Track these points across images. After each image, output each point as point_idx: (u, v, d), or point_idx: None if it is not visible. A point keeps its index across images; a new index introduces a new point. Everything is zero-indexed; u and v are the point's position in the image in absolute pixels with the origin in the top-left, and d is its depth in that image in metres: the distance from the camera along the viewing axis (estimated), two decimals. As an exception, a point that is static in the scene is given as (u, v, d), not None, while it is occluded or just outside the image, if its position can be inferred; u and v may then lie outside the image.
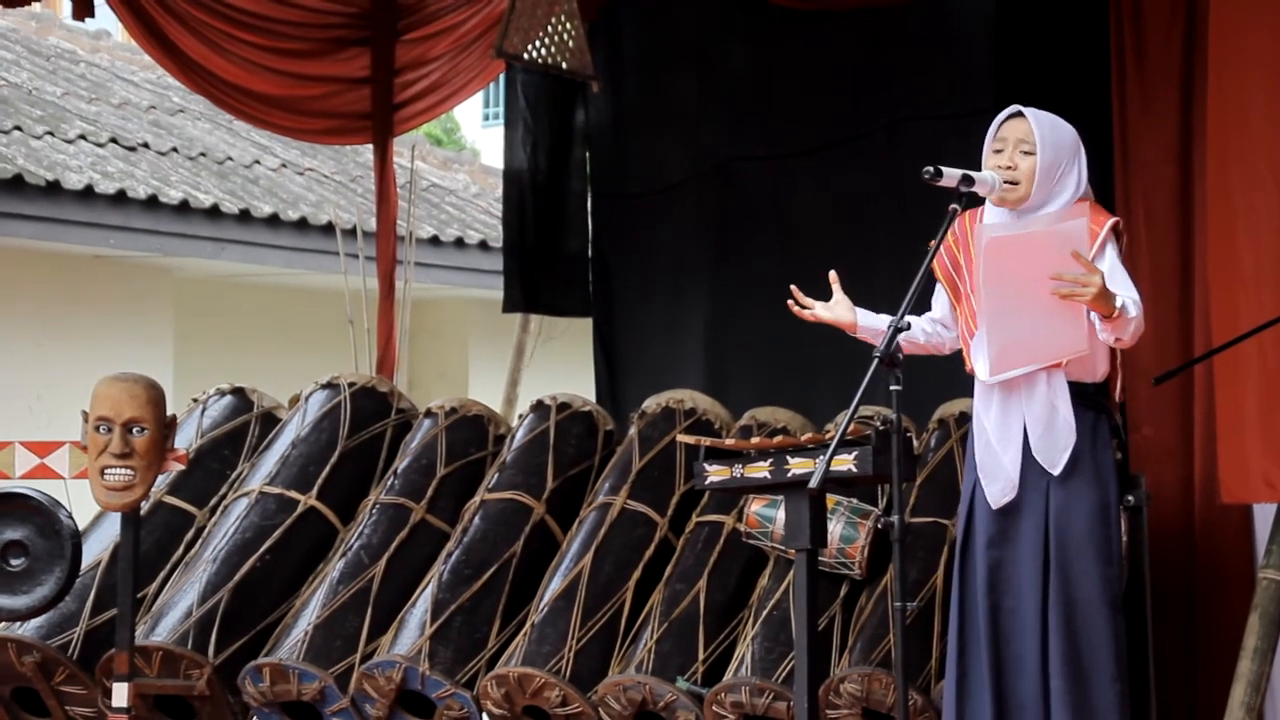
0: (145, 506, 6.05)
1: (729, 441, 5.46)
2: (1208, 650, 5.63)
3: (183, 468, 5.99)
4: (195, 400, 6.85)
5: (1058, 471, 4.76)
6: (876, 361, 4.58)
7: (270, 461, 6.45)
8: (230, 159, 11.54)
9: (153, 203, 10.00)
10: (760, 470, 5.08)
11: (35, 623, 5.96)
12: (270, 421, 6.72)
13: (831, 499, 5.56)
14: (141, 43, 7.68)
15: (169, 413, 5.76)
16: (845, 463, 4.90)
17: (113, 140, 10.83)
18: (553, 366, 9.79)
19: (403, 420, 6.67)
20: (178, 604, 6.01)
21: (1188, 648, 5.65)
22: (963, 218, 4.90)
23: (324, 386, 6.70)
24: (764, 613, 5.64)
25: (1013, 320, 4.73)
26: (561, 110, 8.10)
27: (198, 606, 5.97)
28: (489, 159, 15.18)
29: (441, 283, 11.45)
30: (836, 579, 5.68)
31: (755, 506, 5.75)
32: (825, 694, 5.36)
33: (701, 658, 5.66)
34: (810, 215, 7.44)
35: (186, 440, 6.50)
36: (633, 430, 6.37)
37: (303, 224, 10.79)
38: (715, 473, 5.21)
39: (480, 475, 6.42)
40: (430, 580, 6.01)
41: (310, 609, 5.98)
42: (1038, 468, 4.79)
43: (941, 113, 6.89)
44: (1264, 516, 5.40)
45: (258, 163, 11.77)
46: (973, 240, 4.90)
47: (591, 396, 7.47)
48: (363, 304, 8.56)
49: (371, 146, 8.19)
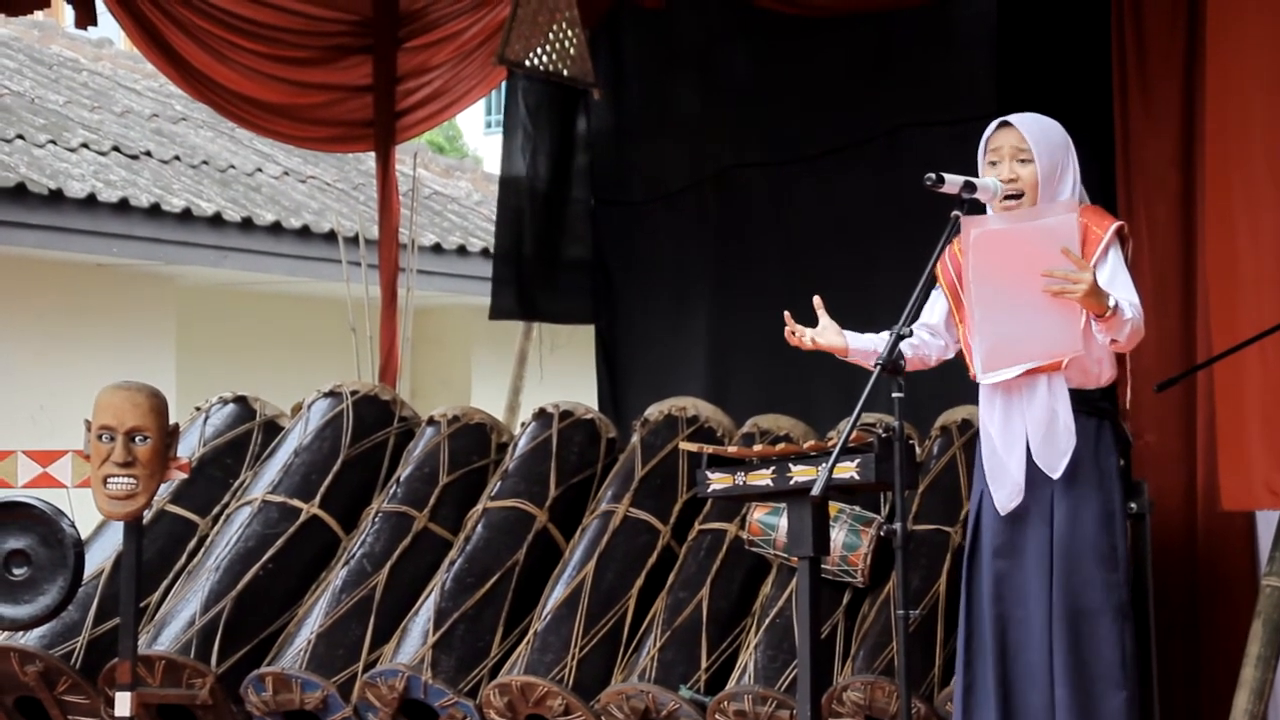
0: (148, 515, 6.06)
1: (731, 449, 5.45)
2: (1211, 657, 5.61)
3: (185, 476, 6.01)
4: (198, 409, 6.85)
5: (1057, 476, 4.73)
6: (879, 369, 4.58)
7: (273, 470, 6.45)
8: (233, 167, 11.54)
9: (155, 211, 10.00)
10: (763, 478, 5.07)
11: (38, 632, 5.96)
12: (273, 430, 6.72)
13: (834, 507, 5.55)
14: (144, 51, 7.68)
15: (171, 421, 5.76)
16: (848, 470, 4.89)
17: (115, 149, 10.83)
18: (555, 374, 9.78)
19: (405, 428, 6.67)
20: (180, 613, 6.01)
21: (1191, 655, 5.64)
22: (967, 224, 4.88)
23: (326, 395, 6.70)
24: (767, 621, 5.64)
25: (1003, 317, 4.69)
26: (563, 118, 8.09)
27: (200, 615, 5.97)
28: (491, 166, 15.12)
29: (444, 290, 11.43)
30: (839, 587, 5.67)
31: (758, 514, 5.74)
32: (828, 702, 5.35)
33: (704, 666, 5.66)
34: (812, 222, 7.43)
35: (189, 449, 6.50)
36: (635, 438, 6.36)
37: (305, 232, 10.79)
38: (718, 480, 5.21)
39: (483, 483, 6.41)
40: (433, 589, 6.00)
41: (313, 618, 5.98)
42: (1040, 473, 4.76)
43: (942, 119, 6.88)
44: (1267, 523, 5.39)
45: (260, 171, 11.77)
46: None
47: (594, 404, 7.46)
48: (365, 312, 8.55)
49: (374, 154, 8.19)
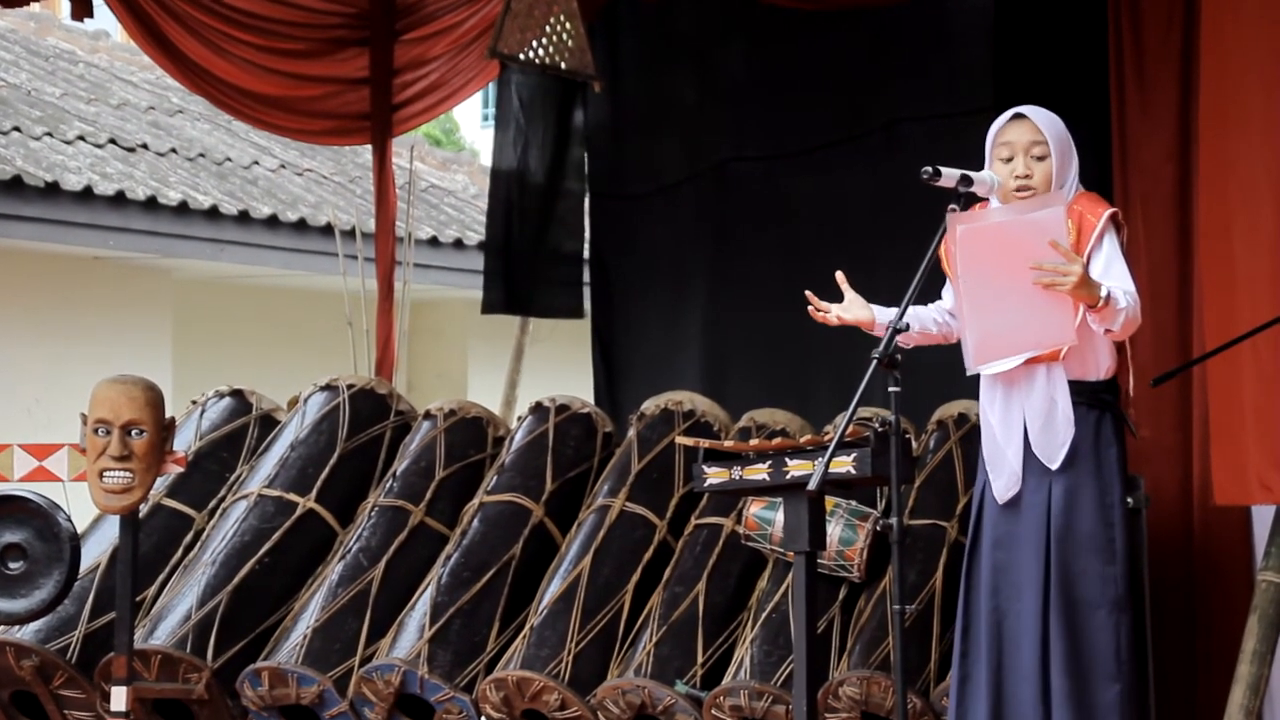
0: (144, 509, 6.05)
1: (728, 443, 5.45)
2: (1206, 653, 5.61)
3: (181, 470, 5.99)
4: (194, 402, 6.84)
5: (1055, 466, 4.74)
6: (875, 363, 4.57)
7: (269, 464, 6.45)
8: (229, 160, 11.53)
9: (151, 204, 9.99)
10: (759, 472, 5.07)
11: (34, 626, 5.95)
12: (269, 424, 6.71)
13: (830, 501, 5.55)
14: (140, 43, 7.68)
15: (168, 415, 5.76)
16: (844, 464, 4.89)
17: (112, 141, 10.82)
18: (551, 368, 9.78)
19: (402, 422, 6.67)
20: (176, 607, 6.00)
21: (1186, 650, 5.63)
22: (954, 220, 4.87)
23: (323, 388, 6.70)
24: (763, 615, 5.64)
25: (992, 310, 4.70)
26: (559, 111, 8.08)
27: (196, 610, 5.97)
28: (488, 159, 15.13)
29: (440, 284, 11.43)
30: (835, 581, 5.67)
31: (754, 509, 5.74)
32: (824, 697, 5.35)
33: (700, 661, 5.66)
34: (809, 215, 7.43)
35: (185, 442, 6.50)
36: (631, 432, 6.36)
37: (302, 225, 10.78)
38: (714, 475, 5.20)
39: (479, 477, 6.41)
40: (429, 583, 6.00)
41: (309, 612, 5.98)
42: (1038, 463, 4.77)
43: (939, 112, 6.89)
44: (1263, 519, 5.38)
45: (256, 164, 11.76)
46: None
47: (590, 398, 7.46)
48: (361, 305, 8.54)
49: (370, 147, 8.18)
